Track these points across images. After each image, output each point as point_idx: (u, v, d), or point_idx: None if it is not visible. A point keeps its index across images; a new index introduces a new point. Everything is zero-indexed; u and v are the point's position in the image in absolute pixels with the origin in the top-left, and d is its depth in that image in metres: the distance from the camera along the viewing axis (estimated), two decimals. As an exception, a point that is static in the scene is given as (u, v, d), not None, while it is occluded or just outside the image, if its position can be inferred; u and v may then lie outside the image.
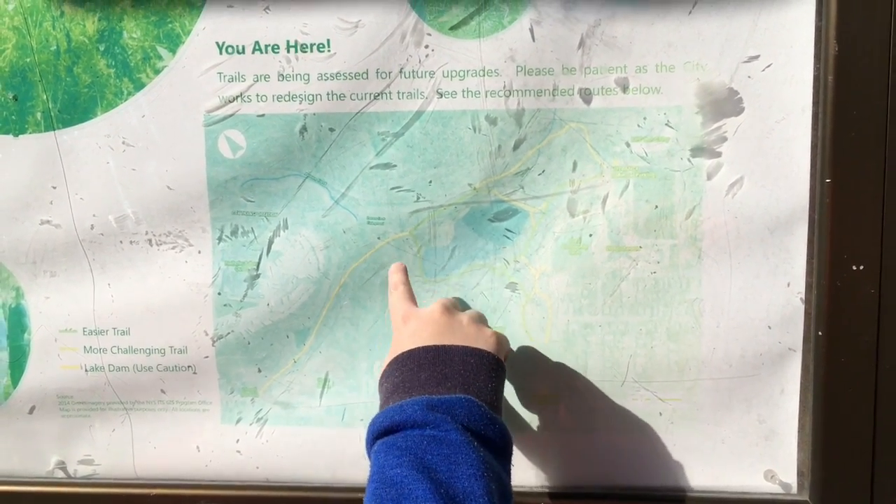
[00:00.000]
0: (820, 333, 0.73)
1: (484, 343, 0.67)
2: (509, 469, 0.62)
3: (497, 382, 0.66)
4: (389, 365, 0.67)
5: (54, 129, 0.78)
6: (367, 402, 0.80)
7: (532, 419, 0.79)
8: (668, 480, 0.78)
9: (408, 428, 0.59)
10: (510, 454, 0.63)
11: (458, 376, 0.64)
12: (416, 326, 0.68)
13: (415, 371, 0.64)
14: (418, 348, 0.66)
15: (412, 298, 0.73)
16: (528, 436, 0.79)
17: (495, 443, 0.61)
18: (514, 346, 0.78)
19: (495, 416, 0.62)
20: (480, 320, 0.71)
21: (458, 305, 0.73)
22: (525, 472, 0.80)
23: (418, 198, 0.77)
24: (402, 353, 0.66)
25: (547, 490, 0.79)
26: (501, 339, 0.70)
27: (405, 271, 0.74)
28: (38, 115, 0.78)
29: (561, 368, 0.78)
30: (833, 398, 0.73)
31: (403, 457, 0.56)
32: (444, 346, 0.65)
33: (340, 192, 0.77)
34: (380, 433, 0.60)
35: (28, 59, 0.77)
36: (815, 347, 0.73)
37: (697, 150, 0.74)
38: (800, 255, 0.74)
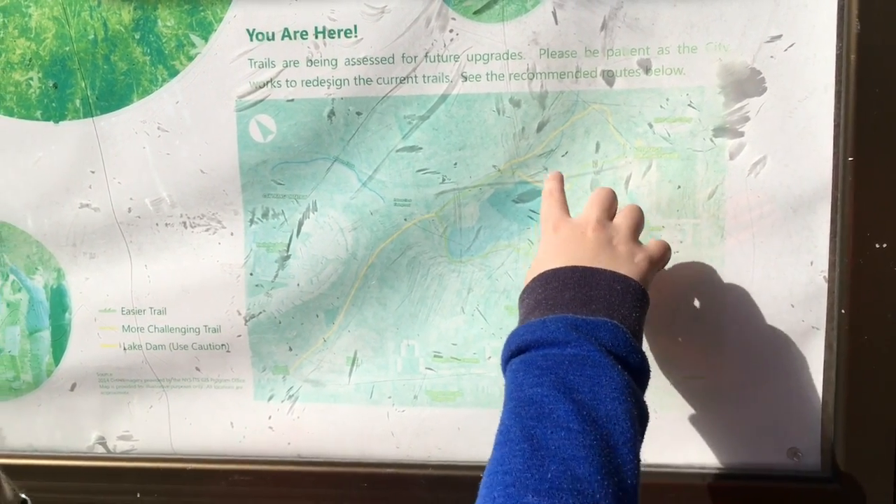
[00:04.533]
0: (843, 311, 0.73)
1: (633, 269, 0.64)
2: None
3: (640, 313, 0.63)
4: (533, 281, 0.65)
5: (93, 116, 0.81)
6: (394, 381, 0.82)
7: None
8: (690, 458, 0.79)
9: (547, 346, 0.57)
10: (646, 384, 0.61)
11: (603, 300, 0.61)
12: (566, 236, 0.67)
13: (559, 290, 0.62)
14: (564, 268, 0.63)
15: (564, 206, 0.71)
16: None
17: (636, 370, 0.58)
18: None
19: (637, 344, 0.60)
20: (635, 236, 0.68)
21: (613, 208, 0.70)
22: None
23: (444, 179, 0.78)
24: (548, 271, 0.64)
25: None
26: (654, 262, 0.67)
27: (560, 180, 0.73)
28: (78, 102, 0.81)
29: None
30: (856, 376, 0.73)
31: (544, 376, 0.55)
32: (590, 269, 0.63)
33: (368, 175, 0.79)
34: (519, 348, 0.59)
35: (67, 48, 0.80)
36: (838, 325, 0.74)
37: (720, 130, 0.74)
38: (822, 234, 0.74)
